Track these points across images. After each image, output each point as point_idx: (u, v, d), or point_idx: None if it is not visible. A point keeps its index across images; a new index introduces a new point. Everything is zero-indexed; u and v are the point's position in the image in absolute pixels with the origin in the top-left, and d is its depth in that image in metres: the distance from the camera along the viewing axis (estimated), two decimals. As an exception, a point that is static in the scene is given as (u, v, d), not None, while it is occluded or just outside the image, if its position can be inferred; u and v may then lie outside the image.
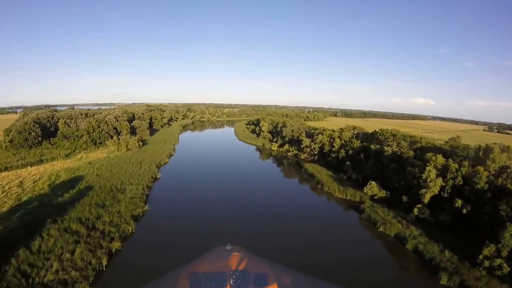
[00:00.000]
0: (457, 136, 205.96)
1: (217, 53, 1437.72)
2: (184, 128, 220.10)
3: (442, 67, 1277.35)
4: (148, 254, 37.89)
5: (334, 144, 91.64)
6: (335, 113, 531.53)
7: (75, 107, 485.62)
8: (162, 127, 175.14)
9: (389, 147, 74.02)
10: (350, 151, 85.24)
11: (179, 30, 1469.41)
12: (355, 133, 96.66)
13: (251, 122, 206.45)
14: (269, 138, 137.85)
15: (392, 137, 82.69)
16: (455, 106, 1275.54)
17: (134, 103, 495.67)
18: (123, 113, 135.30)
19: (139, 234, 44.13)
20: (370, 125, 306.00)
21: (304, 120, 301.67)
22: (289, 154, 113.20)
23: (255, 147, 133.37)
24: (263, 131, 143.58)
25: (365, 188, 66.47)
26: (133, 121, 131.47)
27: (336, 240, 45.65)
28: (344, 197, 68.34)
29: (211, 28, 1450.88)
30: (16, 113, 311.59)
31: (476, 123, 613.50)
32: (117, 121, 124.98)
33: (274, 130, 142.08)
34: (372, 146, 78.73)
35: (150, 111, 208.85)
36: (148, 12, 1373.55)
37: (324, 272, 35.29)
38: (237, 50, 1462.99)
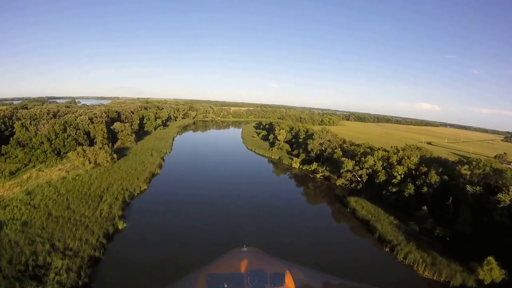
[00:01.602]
0: (504, 153, 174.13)
1: (224, 51, 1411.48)
2: (185, 129, 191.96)
3: (449, 73, 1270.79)
4: None
5: (393, 172, 62.30)
6: (347, 116, 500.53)
7: (76, 100, 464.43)
8: (155, 128, 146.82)
9: (504, 195, 44.64)
10: (425, 188, 55.82)
11: (187, 26, 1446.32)
12: (419, 156, 67.12)
13: (261, 126, 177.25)
14: (287, 150, 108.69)
15: (492, 171, 52.97)
16: (459, 113, 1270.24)
17: (138, 98, 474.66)
18: (103, 113, 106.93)
19: None
20: (395, 134, 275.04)
21: (319, 124, 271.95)
22: (318, 176, 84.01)
23: (268, 159, 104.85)
24: (279, 140, 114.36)
25: (479, 270, 38.13)
26: (114, 124, 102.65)
27: None
28: (434, 277, 39.53)
29: (218, 25, 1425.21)
30: (2, 105, 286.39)
31: (486, 131, 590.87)
32: (92, 123, 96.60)
33: (293, 139, 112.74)
34: (469, 188, 49.20)
35: (146, 108, 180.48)
36: (155, 6, 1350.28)
37: None
38: (244, 48, 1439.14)
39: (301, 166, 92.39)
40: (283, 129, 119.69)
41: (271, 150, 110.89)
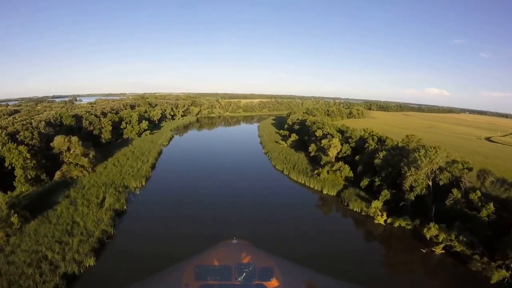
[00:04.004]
0: None
1: (231, 43, 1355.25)
2: (183, 130, 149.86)
3: (457, 58, 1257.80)
4: None
5: None
6: (368, 106, 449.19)
7: (77, 98, 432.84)
8: (140, 134, 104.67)
9: None
10: None
11: (192, 19, 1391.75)
12: None
13: (285, 125, 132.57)
14: (347, 176, 64.06)
15: None
16: (469, 97, 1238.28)
17: (145, 93, 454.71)
18: (40, 122, 65.29)
19: None
20: (438, 127, 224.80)
21: (347, 117, 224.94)
22: (437, 250, 40.33)
23: (316, 193, 61.42)
24: (328, 155, 70.11)
25: None
26: (54, 139, 60.18)
27: None
28: None
29: (224, 17, 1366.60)
30: (7, 106, 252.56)
31: (506, 116, 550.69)
32: (12, 142, 54.73)
33: (355, 156, 68.28)
34: None
35: (133, 107, 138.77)
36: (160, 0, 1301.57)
37: None
38: (251, 39, 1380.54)
39: (387, 220, 48.38)
40: (332, 135, 75.10)
41: (317, 174, 66.50)
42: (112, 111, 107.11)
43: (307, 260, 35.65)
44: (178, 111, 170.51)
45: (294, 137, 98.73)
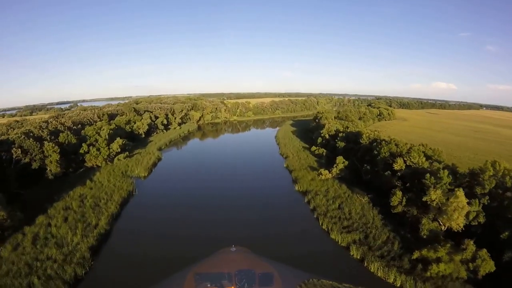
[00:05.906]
0: None
1: (235, 42, 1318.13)
2: (184, 140, 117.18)
3: (463, 51, 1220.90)
4: None
5: None
6: (388, 103, 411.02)
7: (78, 104, 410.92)
8: (112, 159, 71.56)
9: None
10: None
11: (194, 19, 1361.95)
12: None
13: (320, 140, 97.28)
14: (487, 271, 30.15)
15: None
16: (475, 91, 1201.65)
17: (150, 96, 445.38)
18: None
19: None
20: (485, 131, 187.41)
21: (378, 120, 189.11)
22: None
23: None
24: (448, 224, 35.51)
25: None
26: None
27: None
28: None
29: (227, 17, 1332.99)
30: (3, 117, 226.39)
31: None
32: None
33: (488, 220, 34.10)
34: None
35: (113, 117, 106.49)
36: (162, 2, 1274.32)
37: None
38: (255, 38, 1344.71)
39: None
40: (435, 175, 40.89)
41: (421, 262, 32.90)
42: (74, 126, 74.96)
43: None
44: (175, 118, 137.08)
45: (341, 162, 64.23)
